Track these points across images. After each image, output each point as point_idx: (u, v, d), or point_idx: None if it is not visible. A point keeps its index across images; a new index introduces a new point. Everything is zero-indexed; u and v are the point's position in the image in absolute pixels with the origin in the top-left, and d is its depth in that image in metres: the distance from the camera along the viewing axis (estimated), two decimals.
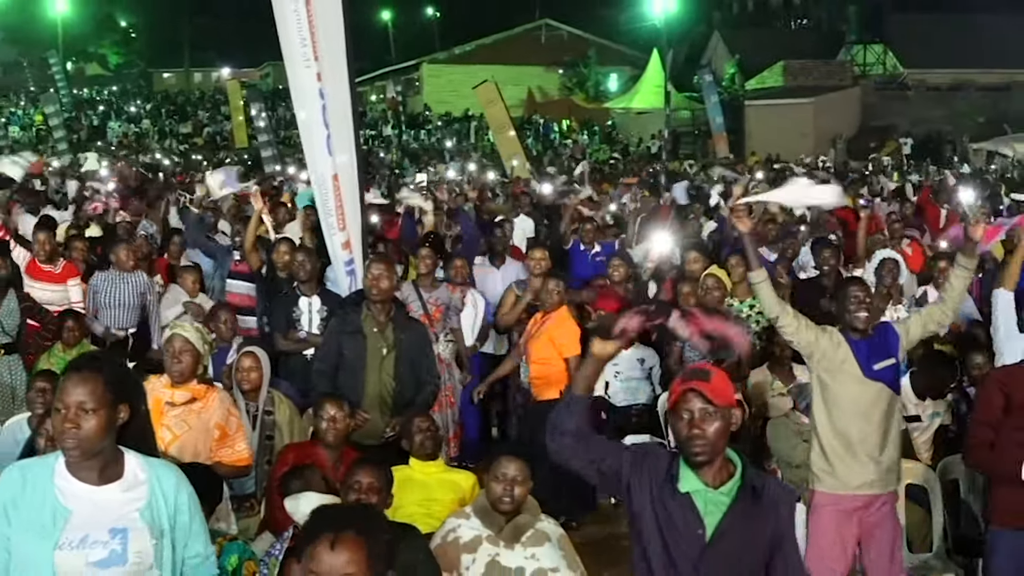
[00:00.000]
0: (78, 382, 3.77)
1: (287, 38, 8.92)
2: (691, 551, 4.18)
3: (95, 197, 15.95)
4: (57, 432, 3.76)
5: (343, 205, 9.08)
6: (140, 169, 28.99)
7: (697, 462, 4.18)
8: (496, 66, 50.95)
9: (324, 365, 7.74)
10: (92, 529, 3.73)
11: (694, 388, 4.18)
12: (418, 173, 19.35)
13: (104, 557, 3.72)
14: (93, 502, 3.77)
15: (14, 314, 9.14)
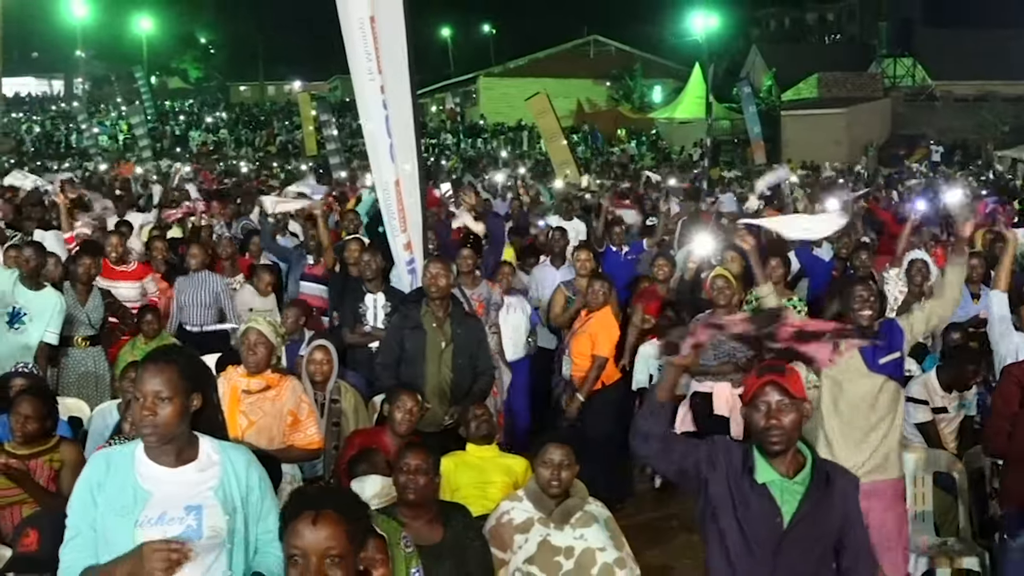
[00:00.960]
0: (155, 373, 3.82)
1: (353, 53, 8.94)
2: (770, 539, 4.20)
3: (183, 202, 16.11)
4: (136, 419, 3.81)
5: (405, 209, 9.10)
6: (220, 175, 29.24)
7: (774, 452, 4.20)
8: (548, 79, 50.98)
9: (387, 358, 7.78)
10: (169, 507, 3.78)
11: (773, 381, 4.20)
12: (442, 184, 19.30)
13: (181, 532, 3.76)
14: (170, 483, 3.82)
15: (99, 309, 9.22)
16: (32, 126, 60.52)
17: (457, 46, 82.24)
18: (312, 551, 3.19)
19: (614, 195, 18.53)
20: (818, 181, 27.46)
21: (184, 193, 17.46)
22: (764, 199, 16.15)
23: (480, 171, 35.85)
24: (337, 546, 3.19)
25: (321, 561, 3.17)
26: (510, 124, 59.36)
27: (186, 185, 19.64)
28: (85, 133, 47.78)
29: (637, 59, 64.35)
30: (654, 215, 16.36)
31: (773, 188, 16.38)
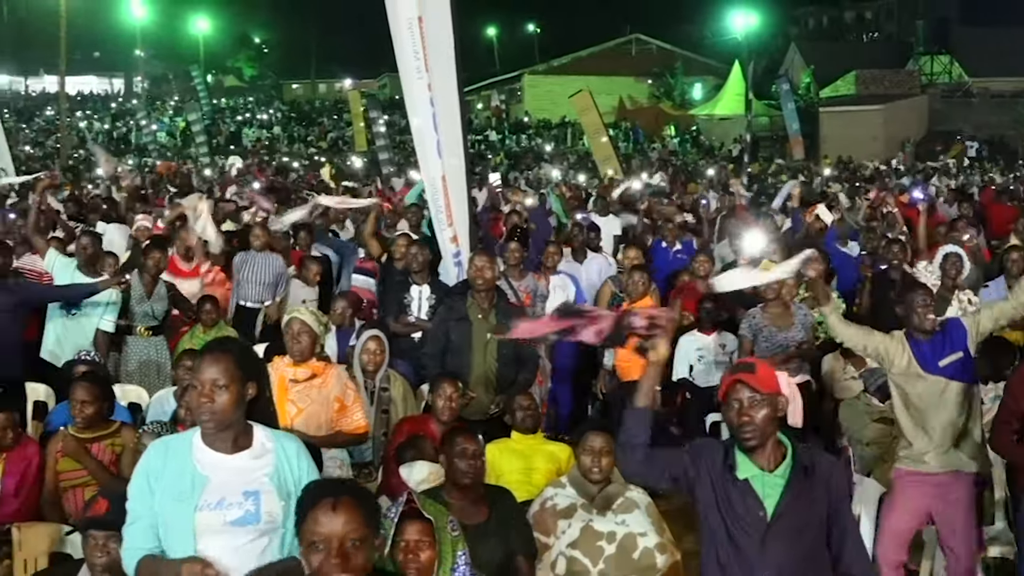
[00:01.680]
0: (212, 362, 3.86)
1: (402, 52, 8.98)
2: (755, 533, 4.20)
3: (241, 195, 16.24)
4: (194, 406, 3.85)
5: (451, 204, 9.12)
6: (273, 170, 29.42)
7: (749, 446, 4.22)
8: (590, 77, 51.00)
9: (434, 349, 7.81)
10: (228, 493, 3.82)
11: (741, 379, 4.23)
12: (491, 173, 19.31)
13: (239, 516, 3.81)
14: (227, 469, 3.86)
15: (163, 301, 9.31)
16: (94, 124, 61.16)
17: (502, 45, 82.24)
18: (334, 536, 3.21)
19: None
20: (855, 176, 27.30)
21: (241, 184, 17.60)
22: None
23: (525, 167, 35.87)
24: (357, 530, 3.22)
25: (343, 545, 3.19)
26: (554, 121, 59.29)
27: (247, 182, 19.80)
28: (144, 130, 48.29)
29: (678, 57, 64.16)
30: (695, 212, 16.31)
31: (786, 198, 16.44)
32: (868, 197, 17.70)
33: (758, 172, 32.26)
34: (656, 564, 5.36)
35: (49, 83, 76.27)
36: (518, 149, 52.80)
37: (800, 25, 73.17)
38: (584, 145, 43.78)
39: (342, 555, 3.18)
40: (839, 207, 15.13)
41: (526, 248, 10.01)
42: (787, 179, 23.46)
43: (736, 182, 21.69)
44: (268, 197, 15.33)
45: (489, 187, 15.14)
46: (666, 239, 12.49)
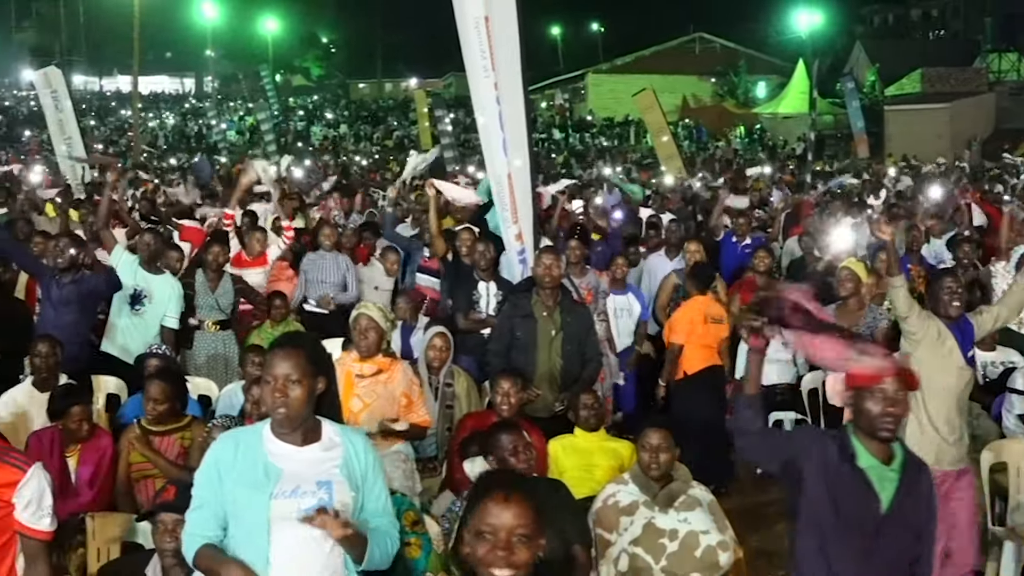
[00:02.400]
0: (284, 357, 3.90)
1: (469, 51, 8.99)
2: (867, 523, 4.17)
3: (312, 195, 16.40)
4: (267, 401, 3.88)
5: (516, 201, 9.12)
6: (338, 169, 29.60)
7: (882, 438, 4.18)
8: (654, 75, 50.69)
9: (498, 345, 7.81)
10: (302, 482, 3.86)
11: (897, 372, 4.18)
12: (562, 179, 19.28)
13: (314, 504, 3.84)
14: (298, 460, 3.90)
15: (229, 295, 9.41)
16: (165, 122, 61.98)
17: (566, 44, 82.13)
18: (502, 528, 3.16)
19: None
20: (920, 175, 26.92)
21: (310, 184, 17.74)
22: None
23: (588, 165, 35.78)
24: (526, 525, 3.17)
25: (510, 538, 3.17)
26: (617, 119, 59.12)
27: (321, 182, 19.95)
28: (214, 129, 48.80)
29: (742, 56, 63.70)
30: (763, 208, 16.23)
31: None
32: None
33: (822, 170, 31.92)
34: (718, 562, 5.33)
35: (123, 83, 77.43)
36: (581, 147, 52.67)
37: (865, 23, 72.31)
38: (647, 144, 43.59)
39: (507, 547, 3.15)
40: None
41: (587, 246, 9.99)
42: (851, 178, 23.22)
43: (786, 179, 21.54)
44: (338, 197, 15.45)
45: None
46: (736, 234, 12.41)
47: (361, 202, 16.43)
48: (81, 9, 78.64)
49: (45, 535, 4.08)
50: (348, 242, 11.61)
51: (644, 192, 16.11)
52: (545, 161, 37.43)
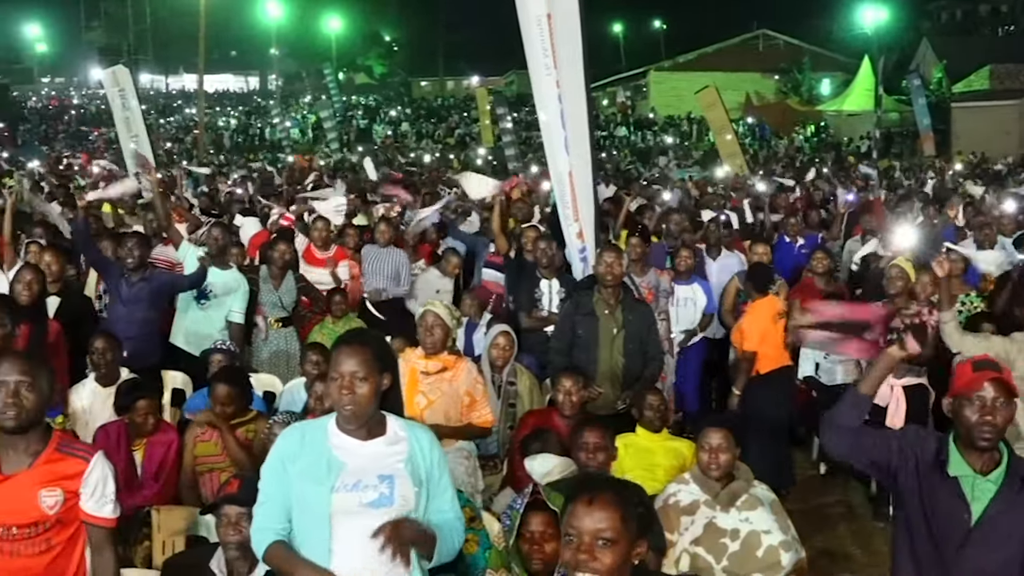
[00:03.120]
0: (351, 354, 3.93)
1: (531, 49, 8.99)
2: (955, 535, 4.04)
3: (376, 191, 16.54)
4: (335, 397, 3.91)
5: (577, 199, 9.11)
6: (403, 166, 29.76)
7: (982, 447, 4.03)
8: (716, 73, 50.31)
9: (560, 343, 7.81)
10: (363, 476, 3.89)
11: (994, 378, 4.06)
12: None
13: (375, 499, 3.88)
14: (362, 455, 3.93)
15: (292, 292, 9.49)
16: (230, 120, 62.63)
17: (628, 41, 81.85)
18: (585, 531, 3.17)
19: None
20: (987, 173, 26.55)
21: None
22: None
23: (651, 164, 35.69)
24: (610, 529, 3.16)
25: (592, 541, 3.15)
26: (679, 117, 58.83)
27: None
28: (278, 127, 49.23)
29: (806, 52, 63.10)
30: (825, 208, 16.06)
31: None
32: None
33: (887, 168, 31.55)
34: (780, 562, 5.27)
35: (188, 81, 78.39)
36: (643, 145, 52.49)
37: (932, 19, 71.28)
38: (709, 141, 43.36)
39: (590, 551, 3.15)
40: (976, 204, 14.76)
41: (647, 244, 9.95)
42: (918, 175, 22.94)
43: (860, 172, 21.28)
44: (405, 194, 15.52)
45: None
46: (789, 234, 12.29)
47: (422, 200, 16.49)
48: (148, 9, 79.78)
49: (109, 522, 4.15)
50: (411, 239, 11.67)
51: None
52: (606, 159, 37.32)
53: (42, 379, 4.07)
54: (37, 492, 4.01)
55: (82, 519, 4.11)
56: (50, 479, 4.03)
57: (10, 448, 4.04)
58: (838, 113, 55.06)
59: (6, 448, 4.05)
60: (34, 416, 4.04)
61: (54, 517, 4.04)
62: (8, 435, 4.02)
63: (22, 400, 3.98)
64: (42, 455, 4.05)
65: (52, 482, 4.03)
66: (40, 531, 4.03)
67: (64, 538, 4.11)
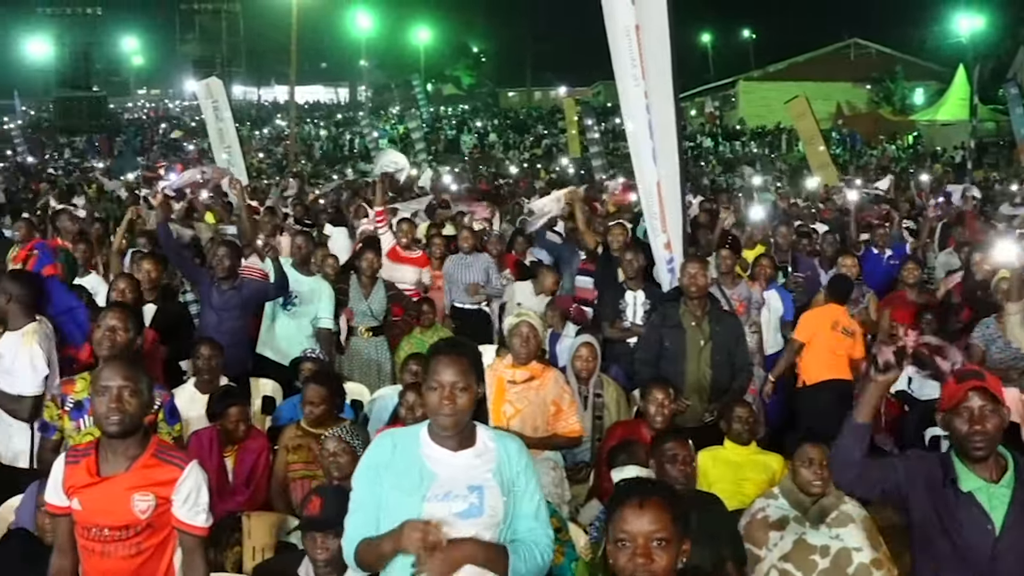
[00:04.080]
0: (451, 363, 3.91)
1: (619, 59, 8.98)
2: (983, 547, 4.01)
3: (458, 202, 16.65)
4: (434, 407, 3.89)
5: (664, 210, 9.07)
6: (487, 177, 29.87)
7: (976, 457, 4.05)
8: (807, 82, 49.81)
9: (647, 355, 7.78)
10: (454, 486, 3.87)
11: (974, 387, 4.06)
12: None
13: (465, 509, 3.86)
14: (453, 465, 3.91)
15: (382, 302, 9.57)
16: (320, 131, 63.39)
17: (717, 51, 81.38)
18: (639, 534, 3.20)
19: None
20: None
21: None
22: None
23: (738, 174, 35.37)
24: (663, 530, 3.20)
25: (648, 543, 3.19)
26: (769, 127, 58.28)
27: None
28: (367, 137, 49.61)
29: (898, 61, 62.12)
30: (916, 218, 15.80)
31: None
32: None
33: (983, 179, 30.92)
34: None
35: (280, 93, 79.54)
36: (731, 156, 52.07)
37: None
38: (799, 152, 42.88)
39: (646, 554, 3.18)
40: None
41: (738, 255, 9.87)
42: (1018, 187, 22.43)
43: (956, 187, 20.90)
44: (485, 204, 15.60)
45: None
46: (877, 245, 12.12)
47: (509, 210, 16.57)
48: (242, 22, 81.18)
49: (201, 531, 4.21)
50: (493, 248, 11.71)
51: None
52: (694, 170, 37.10)
53: (143, 384, 4.18)
54: (130, 496, 4.09)
55: (174, 526, 4.18)
56: (144, 484, 4.11)
57: (110, 451, 4.15)
58: (931, 123, 54.07)
59: (106, 451, 4.16)
60: (136, 421, 4.14)
61: (145, 521, 4.12)
62: (109, 439, 4.12)
63: (125, 405, 4.09)
64: (139, 460, 4.14)
65: (146, 487, 4.11)
66: (131, 534, 4.11)
67: (155, 543, 4.18)
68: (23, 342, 6.02)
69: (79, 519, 4.15)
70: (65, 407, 5.45)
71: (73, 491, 4.13)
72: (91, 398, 4.29)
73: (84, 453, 4.20)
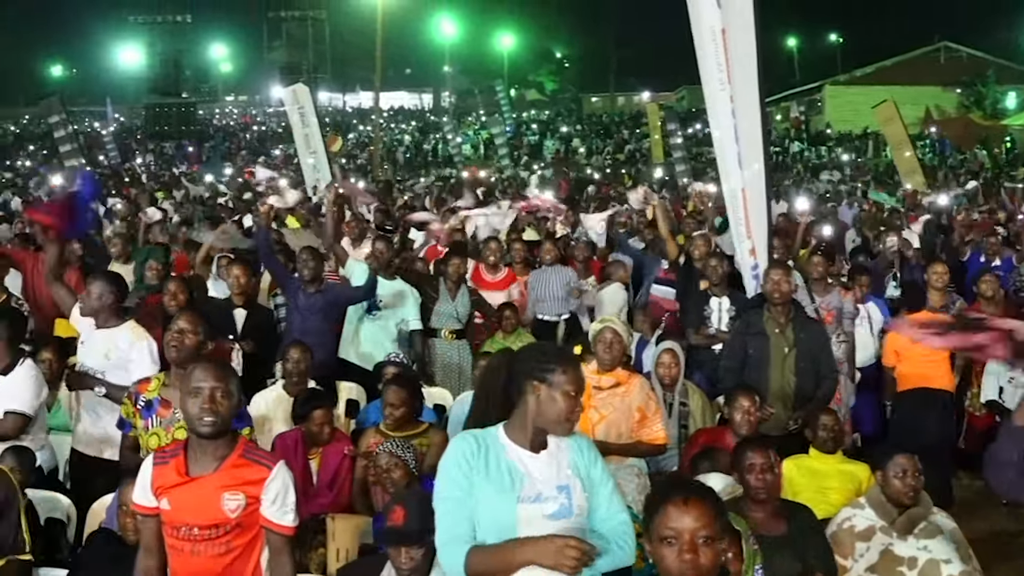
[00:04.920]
0: (580, 368, 3.97)
1: (705, 64, 8.92)
2: None
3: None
4: (564, 412, 3.91)
5: (749, 215, 8.99)
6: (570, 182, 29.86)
7: None
8: (895, 86, 49.03)
9: (731, 362, 7.71)
10: (543, 487, 3.87)
11: None
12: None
13: (556, 510, 3.86)
14: (536, 466, 3.91)
15: (467, 305, 9.63)
16: (404, 136, 63.90)
17: (803, 55, 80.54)
18: (686, 530, 3.20)
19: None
20: None
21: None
22: None
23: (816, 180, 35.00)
24: (707, 527, 3.21)
25: (694, 539, 3.18)
26: (856, 132, 57.52)
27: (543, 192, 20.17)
28: (450, 143, 49.89)
29: (990, 65, 61.00)
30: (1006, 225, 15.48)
31: None
32: None
33: None
34: None
35: (364, 98, 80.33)
36: (817, 161, 51.46)
37: None
38: (886, 158, 42.24)
39: (693, 550, 3.18)
40: None
41: (831, 263, 9.74)
42: None
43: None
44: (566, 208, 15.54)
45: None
46: (987, 253, 11.85)
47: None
48: (327, 29, 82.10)
49: (288, 530, 4.26)
50: (580, 254, 11.68)
51: (896, 199, 15.62)
52: (779, 175, 36.75)
53: (233, 385, 4.24)
54: (220, 495, 4.15)
55: (262, 525, 4.23)
56: (233, 483, 4.17)
57: (199, 451, 4.21)
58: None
59: (195, 451, 4.22)
60: (227, 422, 4.21)
61: (234, 521, 4.17)
62: (199, 439, 4.19)
63: (217, 406, 4.16)
64: (228, 460, 4.20)
65: (235, 486, 4.17)
66: (220, 533, 4.17)
67: (243, 542, 4.23)
68: (135, 336, 6.45)
69: (168, 519, 4.21)
70: (137, 405, 5.55)
71: (162, 491, 4.20)
72: (181, 399, 4.34)
73: (172, 454, 4.27)
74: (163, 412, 5.49)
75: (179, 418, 5.27)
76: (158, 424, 5.49)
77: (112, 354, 6.42)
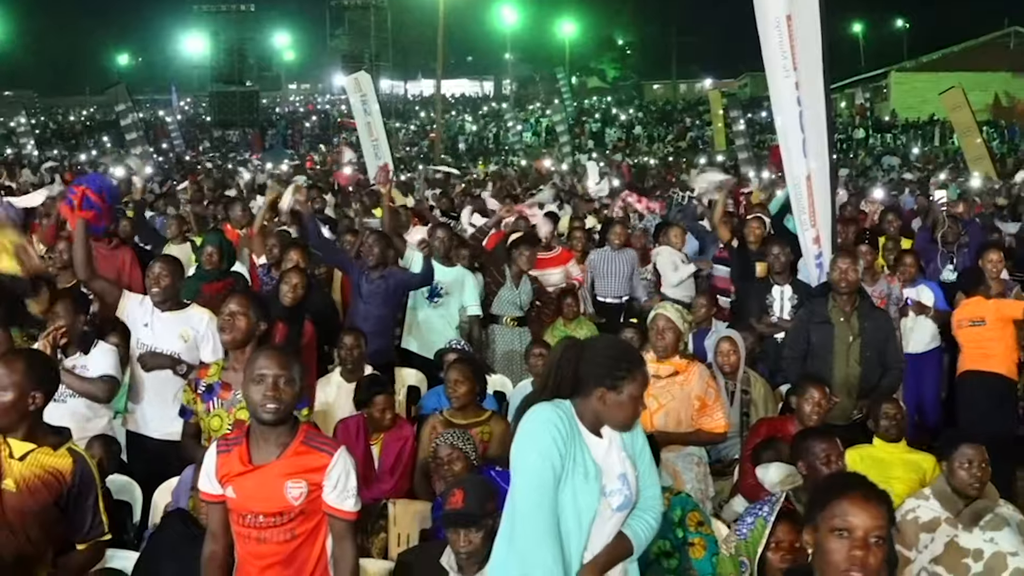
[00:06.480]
0: (644, 382, 3.95)
1: (769, 51, 8.85)
2: None
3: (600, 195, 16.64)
4: (629, 416, 3.92)
5: (814, 203, 8.92)
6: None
7: None
8: (963, 73, 48.25)
9: (794, 351, 7.67)
10: (610, 479, 3.86)
11: None
12: None
13: (621, 502, 3.86)
14: (600, 453, 3.88)
15: (530, 293, 9.63)
16: (466, 124, 64.05)
17: (868, 41, 79.50)
18: (861, 527, 3.15)
19: None
20: None
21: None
22: None
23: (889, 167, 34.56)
24: (882, 528, 3.16)
25: (867, 537, 3.14)
26: (922, 119, 56.72)
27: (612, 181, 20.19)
28: (511, 131, 50.01)
29: None
30: None
31: None
32: None
33: None
34: None
35: (426, 86, 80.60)
36: (882, 148, 50.85)
37: None
38: (953, 145, 41.65)
39: (865, 547, 3.14)
40: None
41: (876, 251, 9.67)
42: None
43: None
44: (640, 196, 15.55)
45: None
46: None
47: (659, 203, 16.48)
48: (389, 17, 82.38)
49: (350, 515, 4.28)
50: (637, 242, 11.71)
51: (957, 191, 15.42)
52: (843, 162, 36.37)
53: (296, 373, 4.26)
54: (283, 483, 4.17)
55: (325, 511, 4.26)
56: (296, 471, 4.19)
57: (262, 439, 4.24)
58: None
59: (257, 439, 4.25)
60: (290, 409, 4.23)
61: (298, 508, 4.20)
62: (261, 426, 4.22)
63: (281, 394, 4.17)
64: (289, 447, 4.22)
65: (297, 474, 4.19)
66: (285, 520, 4.20)
67: (307, 528, 4.26)
68: (208, 316, 6.59)
69: (234, 507, 4.25)
70: (198, 391, 5.61)
71: (227, 479, 4.23)
72: (243, 385, 4.36)
73: (235, 442, 4.30)
74: (224, 394, 5.54)
75: (240, 400, 5.30)
76: (220, 406, 5.54)
77: (188, 335, 6.57)
